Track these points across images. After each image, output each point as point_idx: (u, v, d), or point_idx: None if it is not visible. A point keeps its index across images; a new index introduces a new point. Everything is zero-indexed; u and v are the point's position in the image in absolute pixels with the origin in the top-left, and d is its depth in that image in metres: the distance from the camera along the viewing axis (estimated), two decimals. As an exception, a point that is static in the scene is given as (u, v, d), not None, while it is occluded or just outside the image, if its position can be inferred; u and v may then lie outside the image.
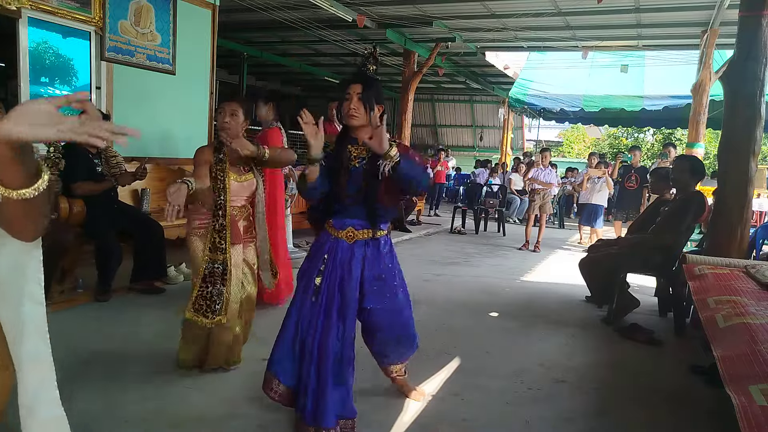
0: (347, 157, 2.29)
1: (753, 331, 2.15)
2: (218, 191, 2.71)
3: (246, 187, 2.84)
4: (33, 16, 4.46)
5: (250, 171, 2.85)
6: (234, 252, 2.76)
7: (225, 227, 2.71)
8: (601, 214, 8.12)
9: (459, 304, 4.53)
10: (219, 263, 2.71)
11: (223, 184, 2.72)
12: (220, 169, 2.72)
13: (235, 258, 2.77)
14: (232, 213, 2.77)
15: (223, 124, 2.73)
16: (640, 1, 6.72)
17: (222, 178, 2.72)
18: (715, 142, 12.44)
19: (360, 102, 2.22)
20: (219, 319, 2.70)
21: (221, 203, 2.71)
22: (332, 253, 2.31)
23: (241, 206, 2.86)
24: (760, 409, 1.56)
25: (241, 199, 2.84)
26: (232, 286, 2.75)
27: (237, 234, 2.79)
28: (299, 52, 12.59)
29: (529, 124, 20.13)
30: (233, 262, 2.75)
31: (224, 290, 2.71)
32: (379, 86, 2.32)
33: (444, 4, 7.53)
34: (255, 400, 2.57)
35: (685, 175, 4.20)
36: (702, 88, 7.23)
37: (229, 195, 2.73)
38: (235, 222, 2.79)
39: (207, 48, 6.03)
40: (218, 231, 2.71)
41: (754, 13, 3.73)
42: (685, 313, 4.17)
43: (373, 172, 2.20)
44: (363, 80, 2.26)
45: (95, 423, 2.30)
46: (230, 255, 2.72)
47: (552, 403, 2.77)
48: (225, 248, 2.71)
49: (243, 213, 2.87)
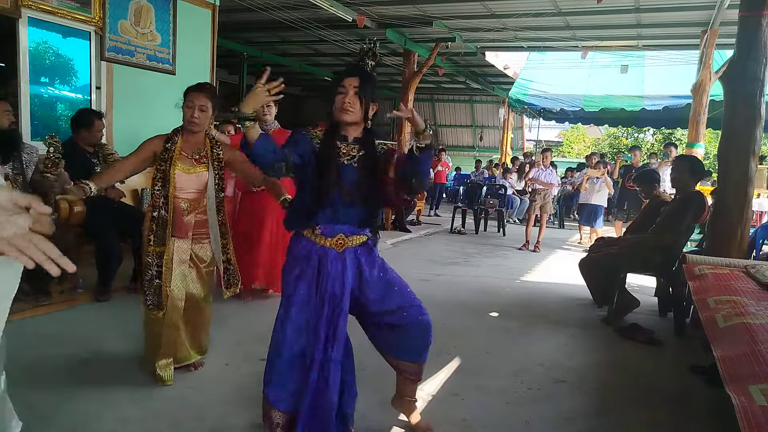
0: (336, 153, 2.08)
1: (753, 331, 2.15)
2: (160, 181, 2.62)
3: (195, 179, 2.70)
4: (33, 16, 4.46)
5: (204, 164, 2.72)
6: (177, 246, 2.67)
7: (166, 219, 2.62)
8: (601, 214, 8.12)
9: (459, 304, 4.53)
10: (157, 255, 2.63)
11: (165, 174, 2.61)
12: (164, 159, 2.62)
13: (178, 253, 2.67)
14: (179, 205, 2.67)
15: (192, 119, 2.62)
16: (640, 1, 6.72)
17: (165, 168, 2.62)
18: (715, 142, 12.43)
19: (356, 96, 2.05)
20: (157, 313, 2.63)
21: (162, 193, 2.61)
22: (323, 263, 2.09)
23: (193, 199, 2.72)
24: (760, 409, 1.56)
25: (190, 191, 2.71)
26: (173, 281, 2.65)
27: (181, 227, 2.67)
28: (299, 52, 12.59)
29: (529, 124, 20.12)
30: (175, 257, 2.65)
31: (161, 284, 2.63)
32: (375, 83, 2.16)
33: (444, 4, 7.53)
34: (255, 400, 2.56)
35: (685, 175, 4.20)
36: (702, 88, 7.23)
37: (172, 185, 2.62)
38: (180, 214, 2.67)
39: (207, 48, 6.04)
40: (157, 222, 2.62)
41: (754, 13, 3.73)
42: (685, 313, 4.17)
43: (370, 170, 2.08)
44: (360, 74, 2.10)
45: (95, 423, 2.30)
46: (171, 248, 2.64)
47: (552, 403, 2.77)
48: (164, 240, 2.62)
49: (195, 207, 2.73)
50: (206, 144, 2.73)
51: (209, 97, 2.66)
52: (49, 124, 4.75)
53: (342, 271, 2.09)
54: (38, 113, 4.69)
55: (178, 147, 2.64)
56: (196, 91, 2.65)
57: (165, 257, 2.64)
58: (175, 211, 2.66)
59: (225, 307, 3.97)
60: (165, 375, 2.66)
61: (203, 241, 2.78)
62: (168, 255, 2.64)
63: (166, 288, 2.64)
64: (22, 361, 2.81)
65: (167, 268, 2.64)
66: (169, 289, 2.65)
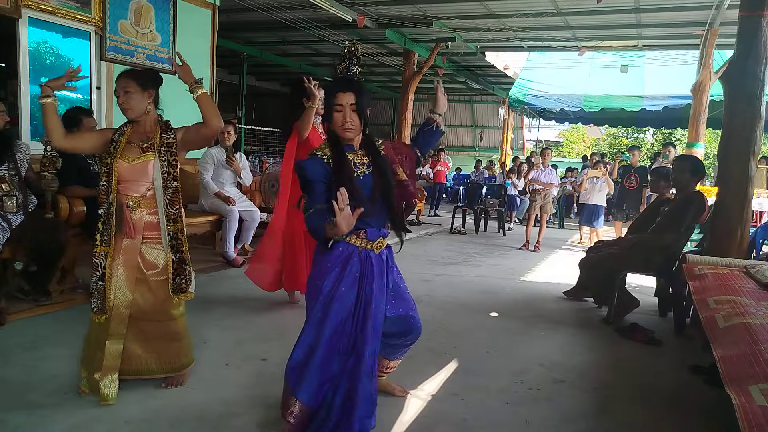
0: (350, 167, 2.11)
1: (753, 331, 2.15)
2: (105, 175, 2.45)
3: (139, 169, 2.47)
4: (33, 16, 4.46)
5: (151, 152, 2.48)
6: (124, 246, 2.47)
7: (110, 217, 2.44)
8: (602, 214, 8.12)
9: (459, 304, 4.53)
10: (104, 256, 2.45)
11: (109, 167, 2.43)
12: (110, 152, 2.45)
13: (124, 254, 2.47)
14: (125, 202, 2.46)
15: (120, 104, 2.48)
16: (640, 1, 6.73)
17: (109, 161, 2.42)
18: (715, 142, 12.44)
19: (355, 113, 2.08)
20: (101, 317, 2.46)
21: (107, 189, 2.44)
22: (365, 265, 2.17)
23: (141, 195, 2.50)
24: (760, 409, 1.56)
25: (138, 185, 2.49)
26: (116, 286, 2.45)
27: (128, 226, 2.46)
28: (299, 52, 12.60)
29: (529, 124, 20.15)
30: (121, 258, 2.47)
31: (105, 287, 2.44)
32: (367, 91, 2.16)
33: (444, 4, 7.53)
34: (255, 400, 2.57)
35: (685, 175, 4.20)
36: (702, 88, 7.23)
37: (115, 179, 2.43)
38: (126, 213, 2.46)
39: (207, 48, 6.04)
40: (104, 219, 2.45)
41: (754, 13, 3.73)
42: (685, 313, 4.17)
43: (383, 173, 2.15)
44: (354, 88, 2.09)
45: (95, 423, 2.30)
46: (119, 247, 2.46)
47: (552, 403, 2.77)
48: (108, 241, 2.44)
49: (144, 203, 2.51)
50: (156, 130, 2.54)
51: (132, 77, 2.50)
52: (49, 124, 4.75)
53: (381, 270, 2.21)
54: (38, 113, 4.69)
55: (125, 138, 2.49)
56: (120, 76, 2.52)
57: (108, 259, 2.45)
58: (119, 207, 2.47)
59: (224, 307, 3.97)
60: (107, 392, 2.40)
61: (156, 245, 2.53)
62: (111, 256, 2.45)
63: (109, 292, 2.45)
64: (21, 360, 2.81)
65: (110, 269, 2.45)
66: (113, 295, 2.45)
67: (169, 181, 2.51)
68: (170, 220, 2.52)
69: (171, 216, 2.52)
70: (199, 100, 2.52)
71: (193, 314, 3.76)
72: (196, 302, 4.06)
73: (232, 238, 5.23)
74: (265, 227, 5.95)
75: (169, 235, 2.52)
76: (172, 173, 2.51)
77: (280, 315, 3.87)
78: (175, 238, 2.54)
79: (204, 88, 2.54)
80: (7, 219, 3.39)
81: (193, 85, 2.52)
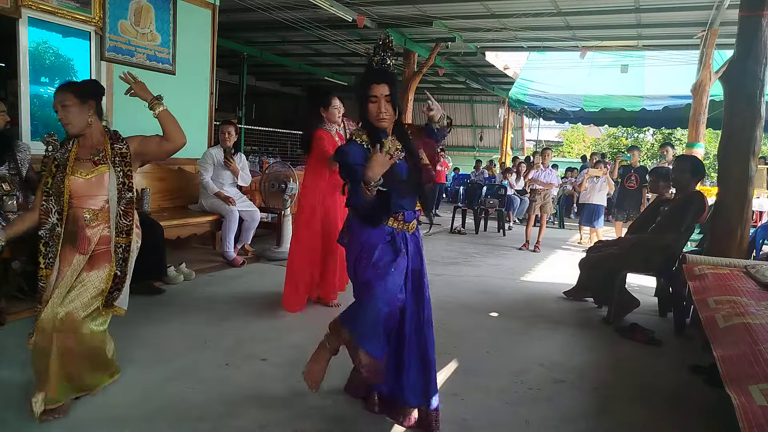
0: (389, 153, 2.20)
1: (753, 331, 2.15)
2: (49, 193, 2.36)
3: (94, 183, 2.39)
4: (33, 16, 4.46)
5: (105, 164, 2.41)
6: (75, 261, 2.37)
7: (54, 238, 2.35)
8: (602, 214, 8.11)
9: (459, 304, 4.53)
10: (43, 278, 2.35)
11: (59, 185, 2.34)
12: (57, 165, 2.37)
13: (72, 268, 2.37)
14: (81, 215, 2.39)
15: (60, 120, 2.38)
16: (640, 1, 6.72)
17: (59, 178, 2.34)
18: (715, 142, 12.44)
19: (389, 104, 2.18)
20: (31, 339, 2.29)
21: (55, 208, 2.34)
22: (406, 243, 2.33)
23: (98, 208, 2.42)
24: (760, 409, 1.56)
25: (95, 199, 2.41)
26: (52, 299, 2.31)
27: (81, 241, 2.38)
28: (299, 52, 12.60)
29: (529, 124, 20.15)
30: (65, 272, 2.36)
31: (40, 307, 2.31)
32: (396, 77, 2.28)
33: (444, 4, 7.53)
34: (255, 400, 2.57)
35: (685, 175, 4.20)
36: (702, 88, 7.23)
37: (67, 197, 2.35)
38: (82, 226, 2.39)
39: (207, 48, 6.04)
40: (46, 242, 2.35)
41: (754, 13, 3.73)
42: (685, 313, 4.17)
43: (415, 158, 2.26)
44: (388, 80, 2.19)
45: (96, 423, 2.30)
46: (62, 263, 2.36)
47: (552, 403, 2.77)
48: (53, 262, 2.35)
49: (105, 218, 2.43)
50: (105, 141, 2.44)
51: (68, 90, 2.39)
52: (49, 123, 4.74)
53: (416, 249, 2.38)
54: (38, 113, 4.69)
55: (72, 154, 2.40)
56: (57, 90, 2.41)
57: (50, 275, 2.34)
58: (76, 222, 2.38)
59: (224, 307, 3.97)
60: (34, 409, 2.24)
61: (103, 264, 2.42)
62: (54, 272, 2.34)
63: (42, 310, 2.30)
64: (19, 360, 2.81)
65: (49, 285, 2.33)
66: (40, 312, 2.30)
67: (124, 192, 2.43)
68: (122, 231, 2.44)
69: (124, 228, 2.44)
70: (160, 117, 2.43)
71: (193, 314, 3.78)
72: (197, 302, 4.08)
73: (232, 238, 5.23)
74: (265, 227, 6.00)
75: (120, 247, 2.43)
76: (128, 184, 2.44)
77: (280, 315, 3.87)
78: (126, 250, 2.45)
79: (163, 104, 2.45)
80: (7, 219, 3.40)
81: (152, 102, 2.43)
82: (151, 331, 3.40)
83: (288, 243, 5.72)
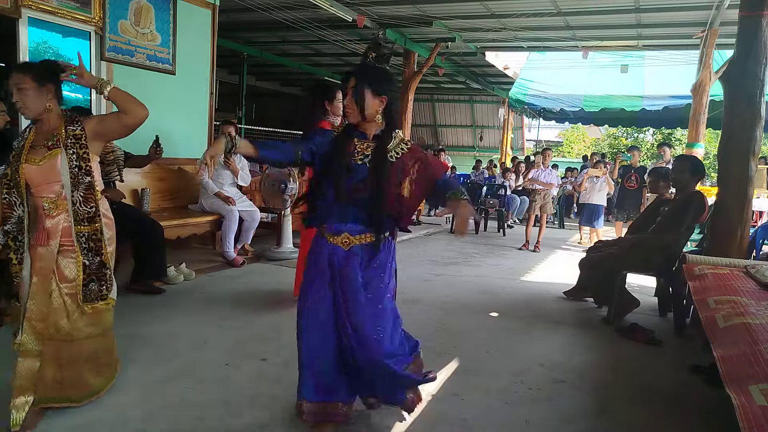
0: (350, 150, 2.13)
1: (753, 331, 2.15)
2: (6, 186, 2.24)
3: (47, 168, 2.22)
4: (33, 16, 4.46)
5: (57, 148, 2.24)
6: (39, 254, 2.25)
7: (21, 232, 2.23)
8: (602, 214, 8.11)
9: (459, 304, 4.53)
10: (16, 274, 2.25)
11: (13, 175, 2.22)
12: (15, 155, 2.24)
13: (39, 261, 2.25)
14: (40, 204, 2.25)
15: (15, 103, 2.23)
16: (640, 1, 6.72)
17: (14, 168, 2.22)
18: (715, 142, 12.43)
19: (351, 98, 2.10)
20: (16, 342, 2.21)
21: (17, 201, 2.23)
22: (332, 260, 2.14)
23: (57, 195, 2.26)
24: (760, 409, 1.56)
25: (50, 186, 2.25)
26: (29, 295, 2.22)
27: (42, 232, 2.25)
28: (299, 52, 12.58)
29: (529, 124, 20.12)
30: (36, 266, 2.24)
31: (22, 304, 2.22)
32: (379, 75, 2.17)
33: (444, 4, 7.52)
34: (255, 400, 2.57)
35: (685, 175, 4.20)
36: (702, 88, 7.22)
37: (23, 187, 2.21)
38: (42, 216, 2.25)
39: (207, 48, 6.04)
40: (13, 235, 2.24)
41: (754, 13, 3.73)
42: (685, 313, 4.17)
43: (380, 171, 2.06)
44: (357, 73, 2.15)
45: (96, 423, 2.30)
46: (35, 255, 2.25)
47: (552, 403, 2.77)
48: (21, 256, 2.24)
49: (60, 206, 2.27)
50: (60, 125, 2.29)
51: (25, 72, 2.23)
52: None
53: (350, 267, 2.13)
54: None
55: (28, 143, 2.26)
56: (12, 71, 2.25)
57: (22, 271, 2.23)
58: (35, 211, 2.27)
59: (224, 307, 3.97)
60: (14, 417, 2.15)
61: (71, 254, 2.29)
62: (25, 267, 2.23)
63: (24, 310, 2.22)
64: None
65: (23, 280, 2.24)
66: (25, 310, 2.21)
67: (81, 177, 2.26)
68: (85, 219, 2.28)
69: (86, 215, 2.28)
70: (112, 96, 2.30)
71: (193, 314, 3.78)
72: (197, 302, 4.08)
73: (231, 238, 5.23)
74: (265, 227, 5.99)
75: (83, 236, 2.28)
76: (84, 167, 2.27)
77: (280, 315, 3.87)
78: (92, 239, 2.30)
79: (110, 84, 2.31)
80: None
81: (101, 84, 2.29)
82: (151, 331, 3.40)
83: (288, 243, 5.74)
